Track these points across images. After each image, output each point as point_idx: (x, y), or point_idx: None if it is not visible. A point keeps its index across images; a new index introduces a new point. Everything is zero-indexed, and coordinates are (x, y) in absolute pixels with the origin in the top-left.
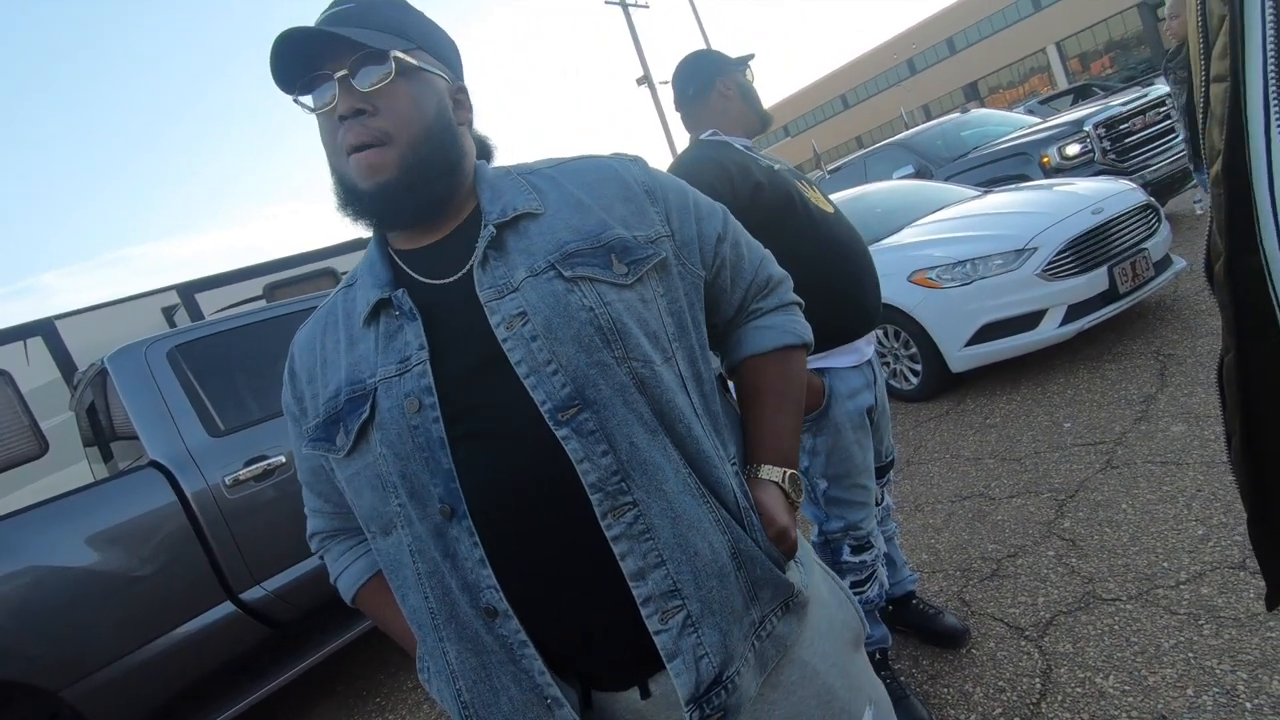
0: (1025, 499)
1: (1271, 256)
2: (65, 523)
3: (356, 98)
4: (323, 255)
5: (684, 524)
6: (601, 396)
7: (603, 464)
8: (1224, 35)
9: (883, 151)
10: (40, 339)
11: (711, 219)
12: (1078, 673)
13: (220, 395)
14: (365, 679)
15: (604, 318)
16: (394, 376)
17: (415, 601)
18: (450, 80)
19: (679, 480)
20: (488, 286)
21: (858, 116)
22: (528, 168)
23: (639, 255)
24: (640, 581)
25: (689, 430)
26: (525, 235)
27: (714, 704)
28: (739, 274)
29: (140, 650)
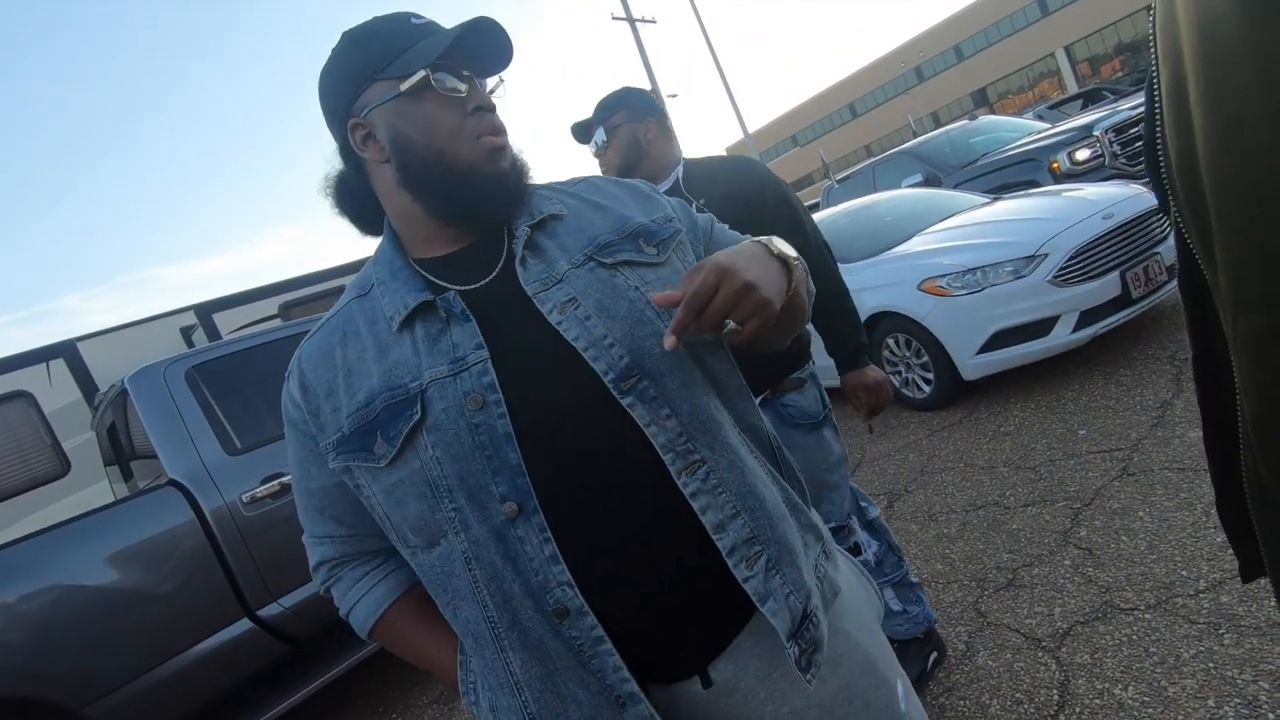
0: (1040, 508)
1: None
2: (87, 542)
3: (489, 98)
4: (336, 274)
5: (748, 475)
6: (658, 366)
7: (669, 426)
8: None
9: (891, 160)
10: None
11: (698, 220)
12: (1096, 684)
13: (237, 414)
14: (380, 695)
15: (649, 295)
16: (447, 377)
17: (471, 612)
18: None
19: (736, 436)
20: (533, 280)
21: (866, 125)
22: (538, 186)
23: (663, 235)
24: (722, 533)
25: (738, 389)
26: (555, 235)
27: (807, 637)
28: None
29: (160, 668)
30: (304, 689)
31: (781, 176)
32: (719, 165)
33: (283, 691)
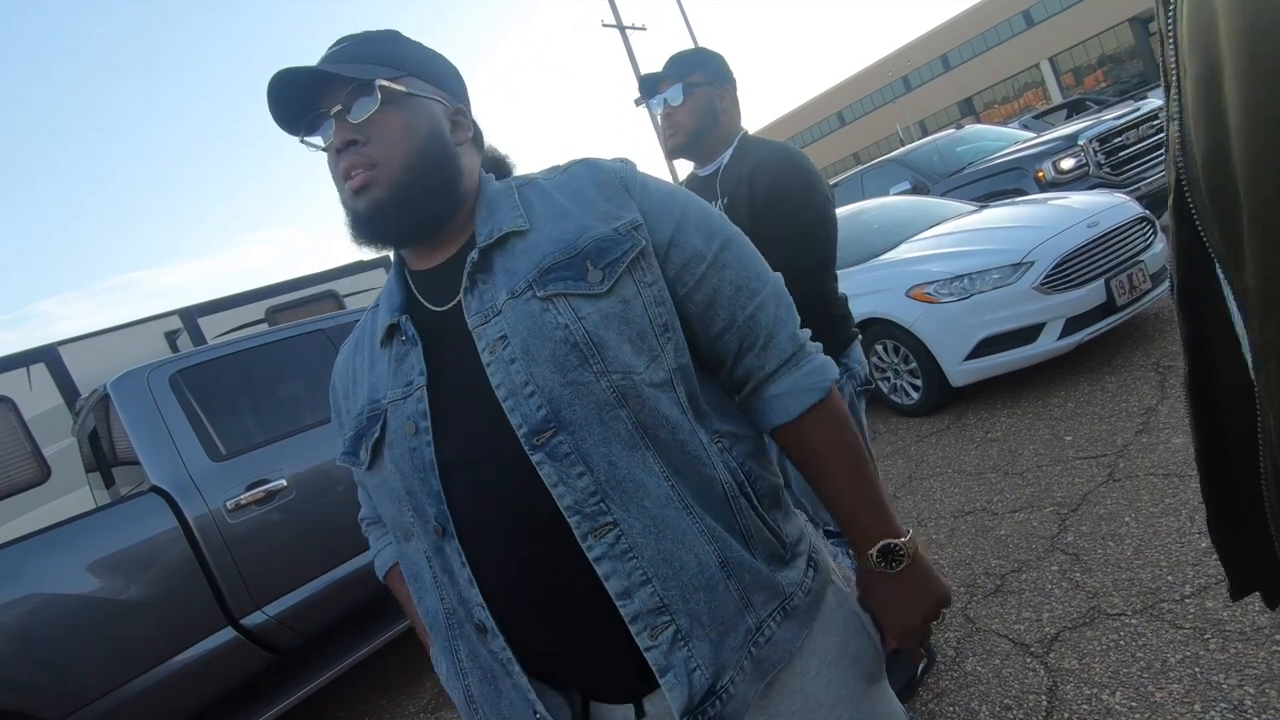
0: (1028, 513)
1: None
2: (66, 549)
3: (348, 130)
4: (324, 278)
5: (668, 539)
6: (578, 417)
7: (579, 485)
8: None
9: (879, 168)
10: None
11: (698, 232)
12: (1084, 689)
13: (222, 419)
14: (367, 703)
15: (579, 333)
16: (400, 399)
17: (431, 603)
18: (448, 103)
19: (662, 494)
20: (475, 312)
21: (854, 133)
22: (527, 179)
23: (615, 254)
24: (627, 600)
25: (673, 434)
26: (510, 254)
27: (709, 714)
28: (719, 309)
29: (141, 678)
30: (289, 698)
31: None
32: (758, 150)
33: (267, 701)
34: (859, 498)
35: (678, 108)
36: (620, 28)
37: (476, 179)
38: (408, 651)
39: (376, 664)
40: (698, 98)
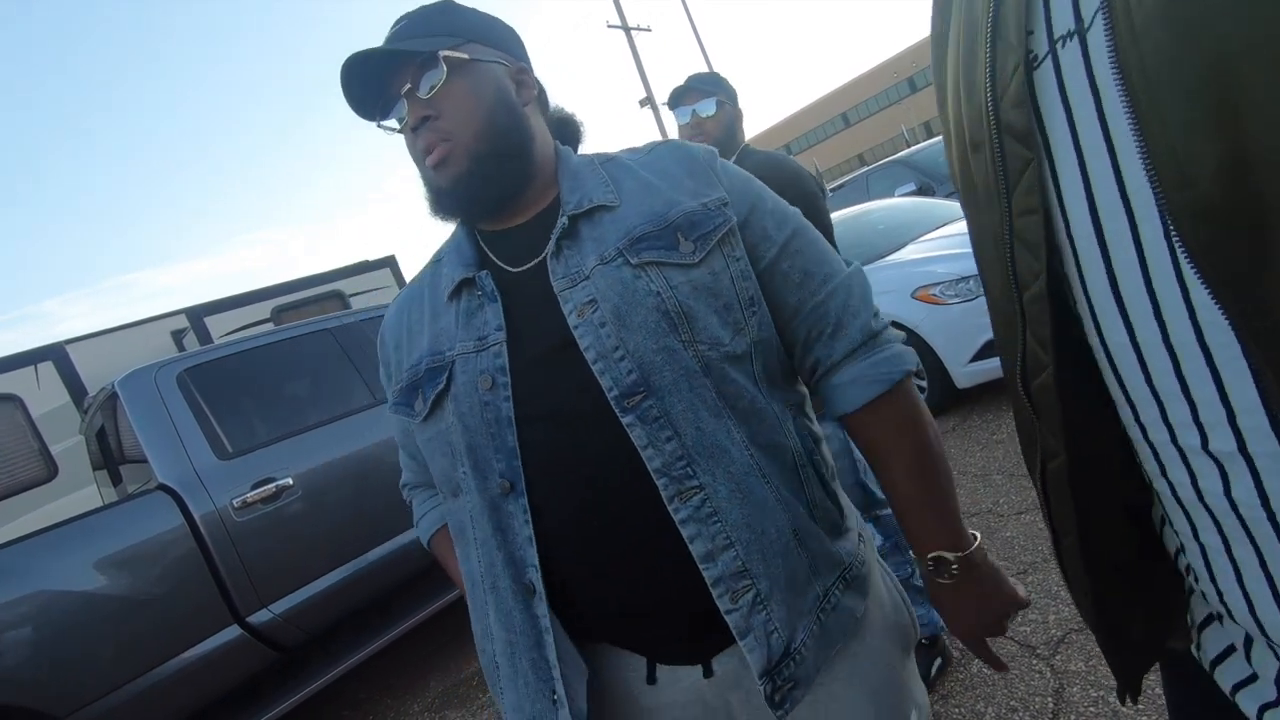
0: (1034, 515)
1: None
2: (73, 547)
3: (420, 106)
4: (330, 278)
5: (750, 505)
6: (666, 382)
7: (667, 449)
8: (1029, 175)
9: (884, 169)
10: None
11: (771, 217)
12: (1090, 691)
13: (229, 418)
14: (372, 702)
15: (670, 302)
16: (472, 352)
17: (472, 565)
18: (510, 63)
19: (743, 461)
20: (561, 276)
21: (859, 134)
22: (608, 156)
23: (707, 228)
24: (710, 563)
25: (752, 404)
26: (598, 225)
27: (784, 675)
28: (787, 294)
29: (147, 675)
30: (293, 696)
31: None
32: (754, 157)
33: (273, 699)
34: (916, 500)
35: (707, 119)
36: (625, 29)
37: (549, 143)
38: (412, 650)
39: (380, 662)
40: (725, 113)
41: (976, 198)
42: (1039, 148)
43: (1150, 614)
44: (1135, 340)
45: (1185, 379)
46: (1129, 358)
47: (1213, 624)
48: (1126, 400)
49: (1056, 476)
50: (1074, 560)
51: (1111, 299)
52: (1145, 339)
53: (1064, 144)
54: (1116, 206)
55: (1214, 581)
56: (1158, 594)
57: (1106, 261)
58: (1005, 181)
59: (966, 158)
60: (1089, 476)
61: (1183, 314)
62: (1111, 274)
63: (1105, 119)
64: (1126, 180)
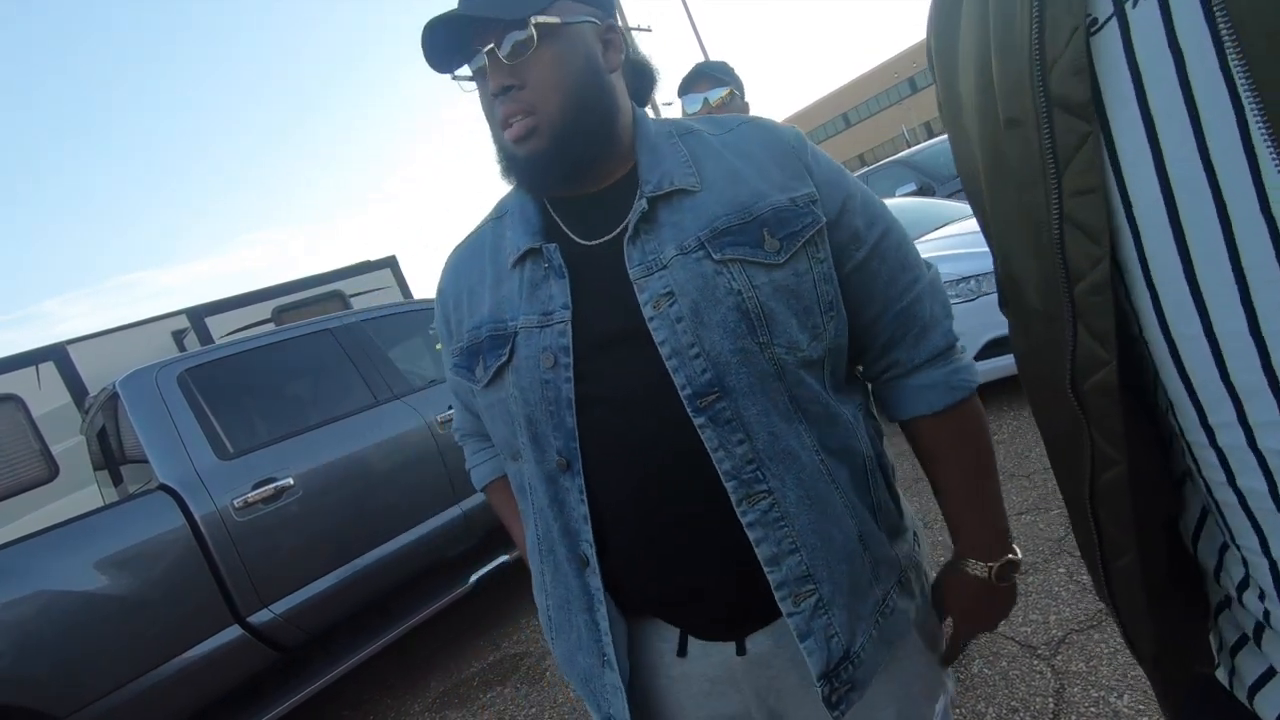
0: (1035, 515)
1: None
2: (74, 547)
3: (504, 73)
4: (330, 278)
5: (817, 511)
6: (741, 384)
7: (738, 453)
8: (1087, 150)
9: (885, 169)
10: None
11: (861, 215)
12: (1091, 692)
13: (229, 418)
14: (373, 702)
15: (751, 302)
16: (535, 327)
17: (530, 527)
18: (599, 20)
19: (813, 466)
20: (637, 263)
21: (859, 135)
22: (688, 128)
23: (794, 227)
24: (775, 567)
25: (824, 409)
26: (678, 210)
27: (842, 678)
28: (874, 296)
29: (147, 675)
30: (294, 697)
31: None
32: None
33: (273, 699)
34: (975, 505)
35: (717, 108)
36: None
37: (629, 108)
38: (412, 650)
39: (381, 662)
40: (735, 103)
41: (1009, 182)
42: (1098, 120)
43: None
44: (1212, 331)
45: (1276, 372)
46: (1200, 351)
47: (1247, 646)
48: (1191, 400)
49: (1113, 488)
50: (1131, 584)
51: (1184, 285)
52: (1226, 329)
53: (1128, 115)
54: (1198, 182)
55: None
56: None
57: (1180, 244)
58: (1055, 160)
59: (996, 140)
60: (1145, 487)
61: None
62: (1186, 257)
63: (1189, 83)
64: (1213, 151)
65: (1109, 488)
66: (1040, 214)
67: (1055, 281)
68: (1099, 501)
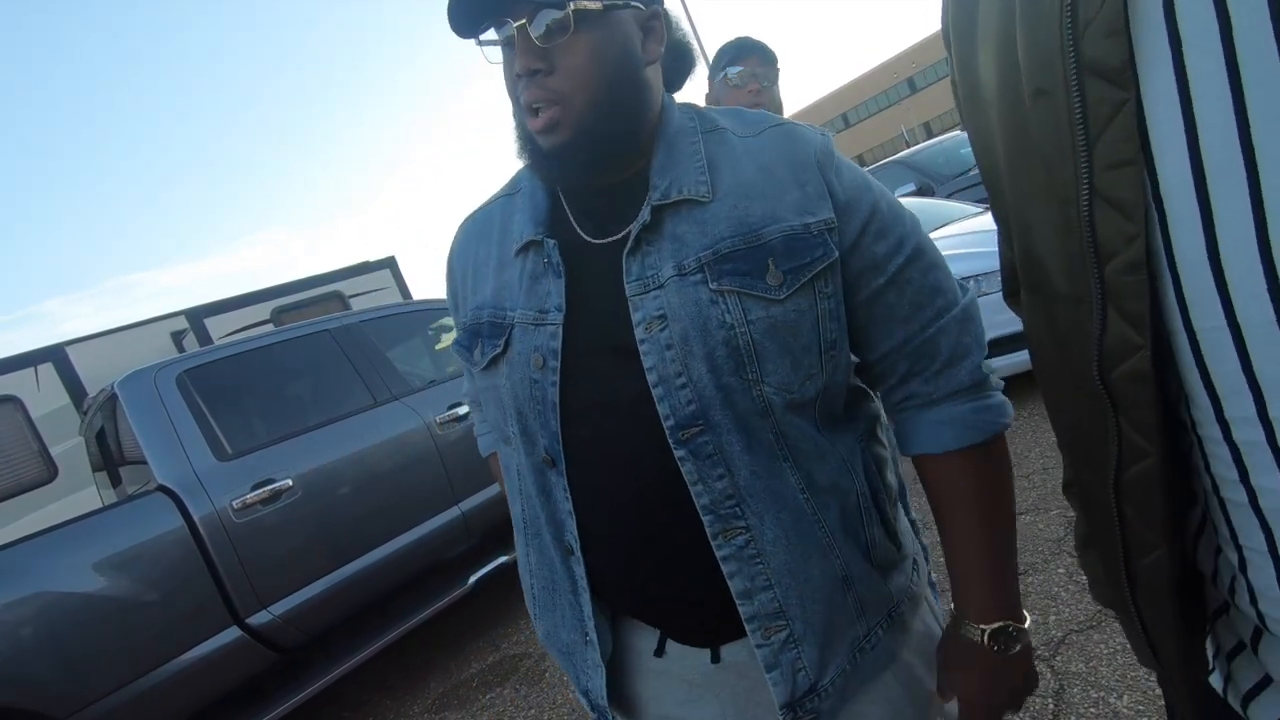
0: (1034, 516)
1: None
2: (73, 548)
3: (533, 55)
4: (329, 279)
5: (797, 549)
6: (725, 420)
7: (717, 488)
8: (1123, 119)
9: (884, 170)
10: (51, 365)
11: (884, 239)
12: (1091, 693)
13: (228, 419)
14: (372, 704)
15: (743, 338)
16: (531, 324)
17: (517, 509)
18: (644, 6)
19: (796, 505)
20: (635, 278)
21: (859, 135)
22: (713, 125)
23: (802, 260)
24: (746, 601)
25: (814, 447)
26: (684, 221)
27: (806, 708)
28: (893, 327)
29: (146, 676)
30: (293, 698)
31: None
32: None
33: (272, 700)
34: (979, 558)
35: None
36: None
37: (659, 98)
38: (411, 651)
39: (380, 664)
40: (776, 94)
41: (1033, 157)
42: (1135, 86)
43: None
44: (1234, 320)
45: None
46: (1221, 341)
47: (1244, 652)
48: (1208, 393)
49: (1143, 480)
50: (1157, 582)
51: (1208, 270)
52: (1251, 318)
53: (1162, 83)
54: (1233, 158)
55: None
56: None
57: (1207, 226)
58: (1085, 130)
59: (1019, 113)
60: (1174, 480)
61: None
62: (1212, 240)
63: (1234, 47)
64: (1255, 127)
65: (1137, 481)
66: (1068, 190)
67: (1084, 261)
68: (1125, 496)
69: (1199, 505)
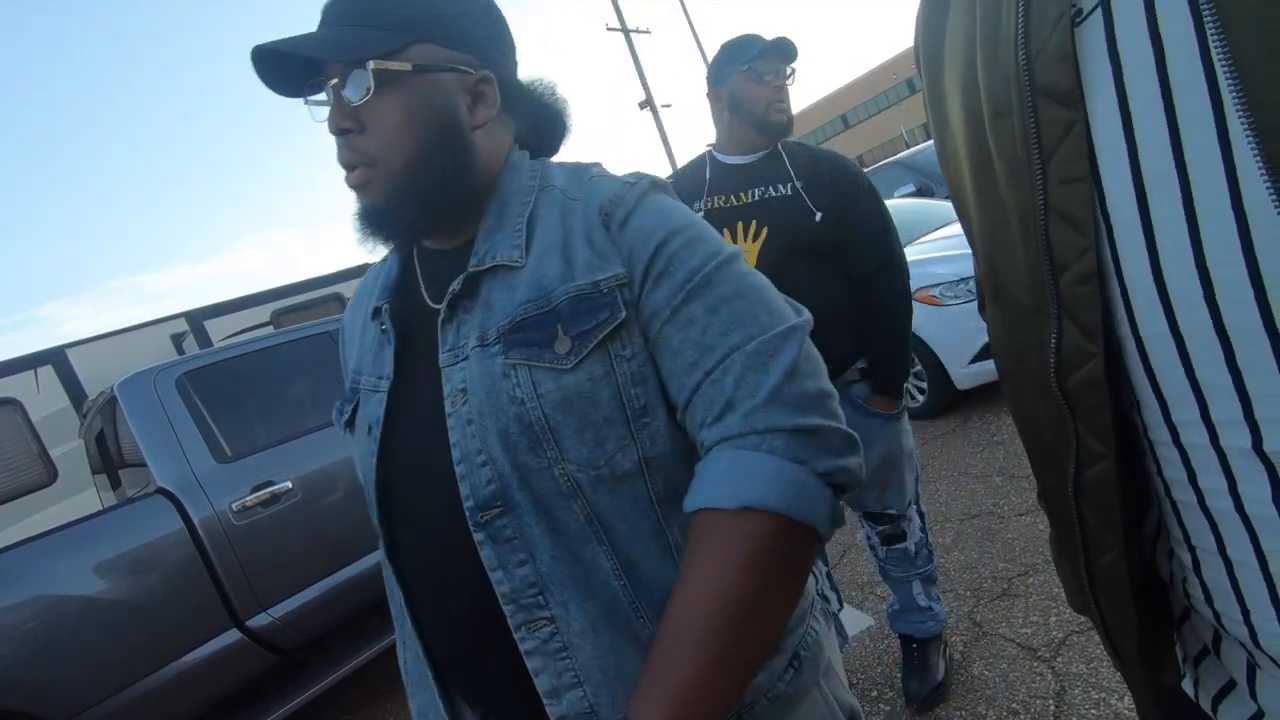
0: (1035, 516)
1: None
2: (72, 551)
3: (344, 114)
4: (329, 281)
5: (610, 642)
6: (525, 501)
7: (518, 574)
8: (1074, 138)
9: (884, 170)
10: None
11: (667, 278)
12: (1092, 694)
13: (228, 421)
14: (372, 707)
15: (534, 414)
16: (370, 390)
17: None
18: (471, 70)
19: (609, 593)
20: (448, 348)
21: (858, 136)
22: (546, 183)
23: (590, 323)
24: (554, 700)
25: (633, 529)
26: (498, 287)
27: None
28: (683, 377)
29: (145, 679)
30: (294, 700)
31: None
32: (819, 153)
33: (272, 703)
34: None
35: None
36: (625, 31)
37: (499, 160)
38: None
39: (380, 666)
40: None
41: (994, 174)
42: (1083, 108)
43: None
44: (1177, 329)
45: (1240, 370)
46: (1166, 348)
47: (1208, 657)
48: (1156, 397)
49: (1100, 483)
50: (1115, 581)
51: (1151, 281)
52: (1191, 327)
53: (1106, 106)
54: (1168, 177)
55: (1240, 601)
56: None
57: (1149, 239)
58: (1039, 149)
59: (981, 134)
60: (1129, 481)
61: (1247, 295)
62: (1153, 253)
63: (1167, 75)
64: (1186, 144)
65: (1095, 482)
66: (1026, 205)
67: (1041, 273)
68: (1084, 497)
69: (1154, 509)
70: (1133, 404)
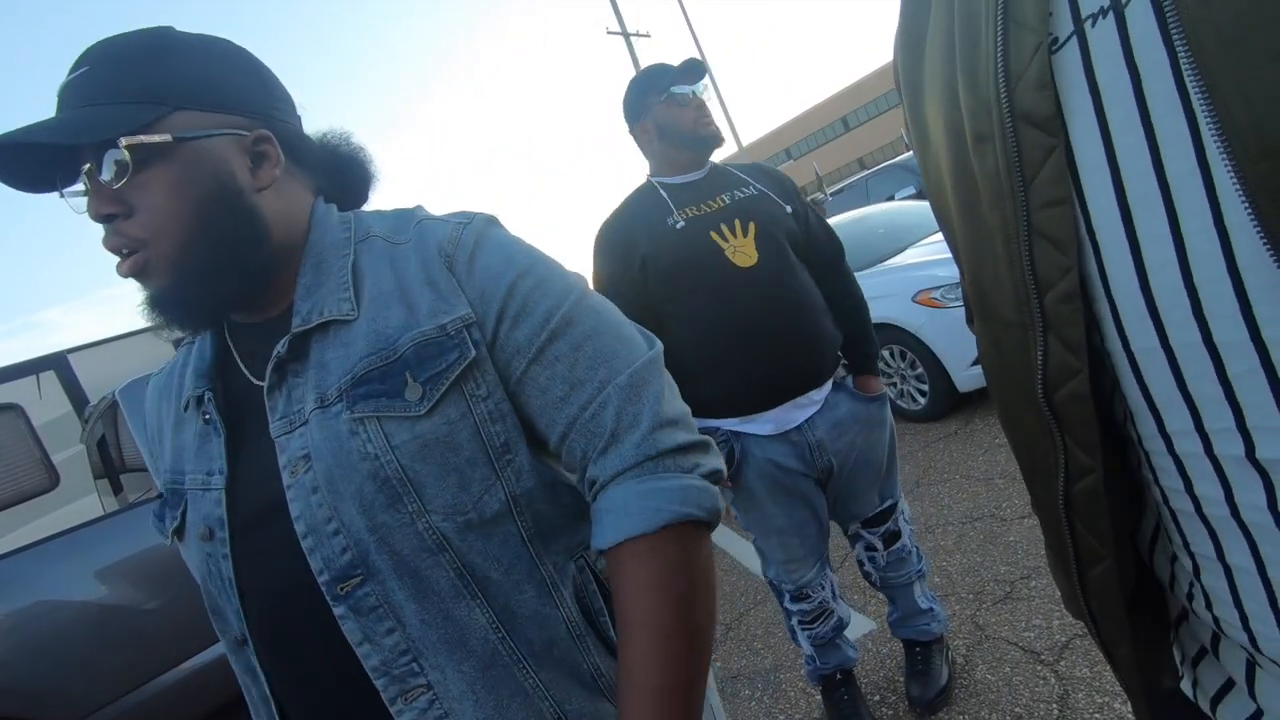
0: (1037, 519)
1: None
2: (75, 556)
3: (102, 199)
4: None
5: (493, 700)
6: (386, 565)
7: (387, 644)
8: (1054, 163)
9: (885, 173)
10: (53, 372)
11: (524, 318)
12: (1095, 698)
13: None
14: None
15: (391, 467)
16: (199, 489)
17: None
18: (245, 129)
19: (488, 649)
20: (280, 417)
21: (859, 138)
22: (366, 233)
23: (439, 366)
24: None
25: (508, 574)
26: (330, 345)
27: None
28: (554, 413)
29: (147, 685)
30: None
31: None
32: (753, 163)
33: None
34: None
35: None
36: (625, 35)
37: (302, 218)
38: None
39: None
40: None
41: (977, 197)
42: (1063, 133)
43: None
44: (1168, 343)
45: (1231, 381)
46: (1157, 361)
47: (1206, 658)
48: (1150, 409)
49: (1089, 495)
50: (1108, 591)
51: (1140, 298)
52: (1181, 341)
53: (1086, 132)
54: (1152, 197)
55: (1239, 607)
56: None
57: (1136, 257)
58: (1021, 173)
59: (964, 156)
60: (1118, 493)
61: (1233, 309)
62: (1141, 271)
63: (1145, 100)
64: (1168, 166)
65: (1084, 495)
66: (1009, 227)
67: (1026, 292)
68: (1074, 510)
69: (1152, 515)
70: (1127, 416)
